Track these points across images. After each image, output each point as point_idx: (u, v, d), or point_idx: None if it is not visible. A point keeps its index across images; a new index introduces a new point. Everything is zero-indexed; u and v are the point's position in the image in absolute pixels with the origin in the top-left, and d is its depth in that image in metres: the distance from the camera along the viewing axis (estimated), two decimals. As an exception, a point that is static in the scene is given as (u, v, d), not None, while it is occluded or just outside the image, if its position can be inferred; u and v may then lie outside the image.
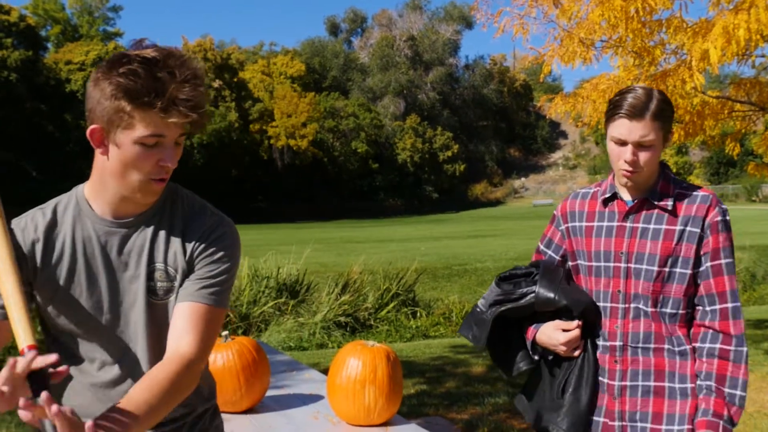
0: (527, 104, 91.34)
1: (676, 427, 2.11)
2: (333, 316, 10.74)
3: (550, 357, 2.30)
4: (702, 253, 2.10)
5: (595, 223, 2.25)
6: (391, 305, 11.60)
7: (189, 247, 1.72)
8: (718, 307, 2.09)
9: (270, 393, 3.81)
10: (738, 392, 2.05)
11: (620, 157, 2.10)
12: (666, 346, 2.12)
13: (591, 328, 2.22)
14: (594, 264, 2.22)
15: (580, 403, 2.22)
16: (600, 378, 2.21)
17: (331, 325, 10.57)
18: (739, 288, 15.74)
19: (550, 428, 2.28)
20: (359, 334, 10.67)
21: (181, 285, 1.72)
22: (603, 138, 3.55)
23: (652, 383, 2.13)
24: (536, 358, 2.33)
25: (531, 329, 2.31)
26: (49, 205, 1.70)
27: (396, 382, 3.25)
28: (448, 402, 5.98)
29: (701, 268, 2.10)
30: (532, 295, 2.26)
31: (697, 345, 2.11)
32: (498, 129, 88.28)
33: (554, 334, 2.23)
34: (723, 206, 2.14)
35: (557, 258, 2.38)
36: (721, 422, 2.03)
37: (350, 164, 69.40)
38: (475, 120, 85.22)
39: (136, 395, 1.49)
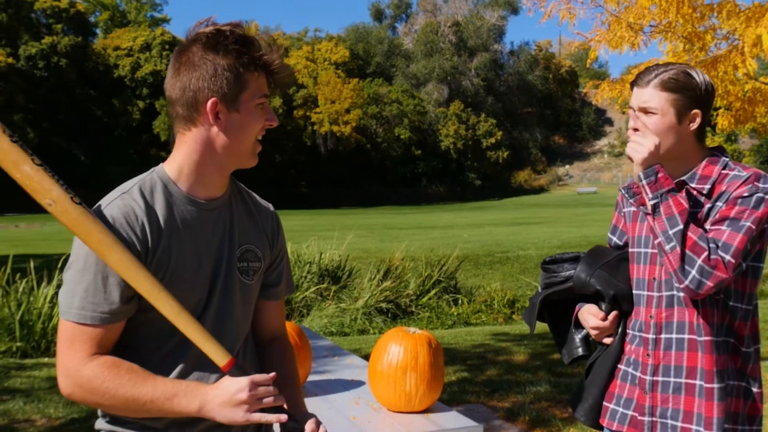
0: (573, 91, 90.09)
1: (696, 427, 2.03)
2: (374, 302, 10.78)
3: (590, 338, 2.31)
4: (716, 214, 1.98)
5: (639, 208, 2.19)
6: (433, 292, 11.59)
7: (268, 233, 1.84)
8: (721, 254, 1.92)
9: (311, 378, 3.84)
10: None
11: (629, 126, 2.10)
12: (696, 338, 2.04)
13: (625, 317, 2.20)
14: (636, 250, 2.18)
15: (600, 388, 2.24)
16: (632, 370, 2.17)
17: (372, 311, 10.62)
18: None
19: (573, 409, 2.34)
20: (400, 321, 10.70)
21: (266, 269, 1.83)
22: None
23: (683, 380, 2.06)
24: (578, 337, 2.34)
25: (577, 307, 2.32)
26: (132, 189, 1.64)
27: (437, 369, 3.25)
28: (490, 390, 5.97)
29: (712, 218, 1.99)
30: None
31: (755, 348, 2.09)
32: (542, 116, 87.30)
33: (587, 316, 2.23)
34: (761, 184, 1.97)
35: (621, 244, 2.34)
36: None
37: (393, 150, 69.37)
38: (519, 107, 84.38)
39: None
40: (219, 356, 1.58)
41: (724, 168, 2.06)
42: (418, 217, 41.66)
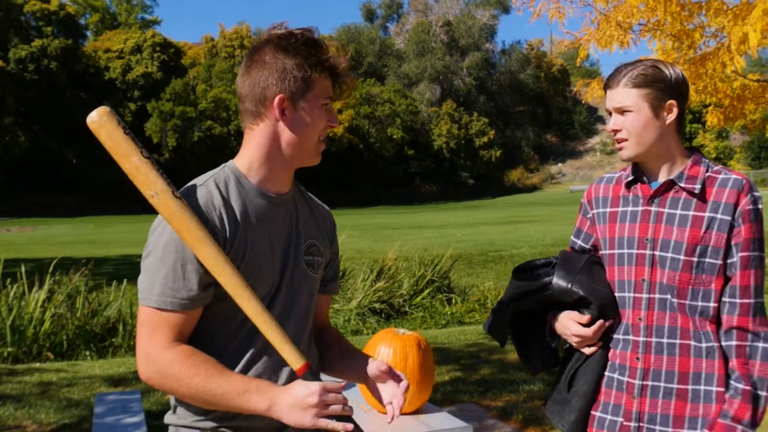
0: (564, 89, 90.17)
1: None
2: (368, 302, 10.77)
3: (566, 346, 2.22)
4: (733, 242, 1.99)
5: (620, 209, 2.15)
6: (426, 292, 11.60)
7: (328, 231, 1.97)
8: (738, 301, 1.98)
9: (303, 379, 3.84)
10: (764, 393, 1.96)
11: (608, 128, 2.11)
12: (692, 343, 2.01)
13: (609, 324, 2.13)
14: (617, 252, 2.12)
15: (587, 399, 2.15)
16: (618, 376, 2.11)
17: (366, 312, 10.62)
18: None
19: (555, 421, 2.23)
20: (394, 321, 10.70)
21: (326, 265, 1.94)
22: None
23: (675, 385, 2.02)
24: (553, 345, 2.26)
25: (550, 316, 2.23)
26: (207, 182, 1.71)
27: (427, 370, 3.25)
28: (483, 389, 5.98)
29: (732, 260, 2.00)
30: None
31: (724, 343, 2.03)
32: (535, 114, 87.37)
33: (568, 323, 2.14)
34: (756, 193, 2.02)
35: (588, 247, 2.28)
36: (739, 426, 1.95)
37: (386, 150, 69.33)
38: (511, 105, 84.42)
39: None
40: (294, 359, 1.64)
41: (707, 169, 2.06)
42: (412, 216, 41.67)
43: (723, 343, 2.01)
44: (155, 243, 1.65)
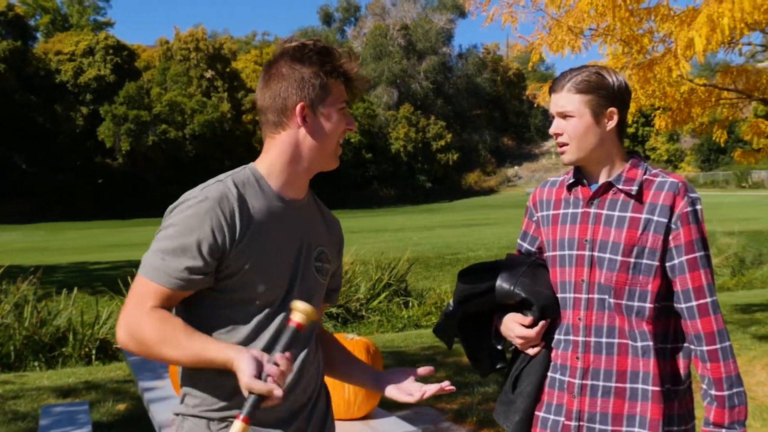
0: (520, 93, 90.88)
1: (636, 430, 2.03)
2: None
3: (512, 347, 2.24)
4: (673, 245, 2.03)
5: (561, 211, 2.18)
6: (383, 295, 11.60)
7: (338, 241, 2.03)
8: (695, 303, 2.02)
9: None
10: (735, 390, 2.00)
11: (550, 131, 2.15)
12: (629, 342, 2.04)
13: (552, 325, 2.16)
14: (559, 253, 2.14)
15: (531, 400, 2.17)
16: (560, 376, 2.14)
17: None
18: (728, 273, 15.87)
19: (500, 422, 2.25)
20: (351, 325, 10.67)
21: (332, 273, 1.99)
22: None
23: (613, 384, 2.05)
24: (499, 347, 2.27)
25: (496, 318, 2.25)
26: (226, 179, 1.77)
27: (377, 375, 3.23)
28: (438, 392, 5.98)
29: (674, 262, 2.03)
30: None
31: (686, 346, 2.07)
32: (491, 118, 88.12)
33: (511, 325, 2.16)
34: (693, 194, 2.05)
35: (533, 250, 2.31)
36: (723, 429, 2.00)
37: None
38: (468, 109, 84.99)
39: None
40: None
41: (645, 172, 2.10)
42: (369, 220, 41.67)
43: (695, 348, 2.04)
44: (169, 222, 1.70)
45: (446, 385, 1.87)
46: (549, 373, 2.17)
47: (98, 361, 8.43)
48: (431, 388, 1.87)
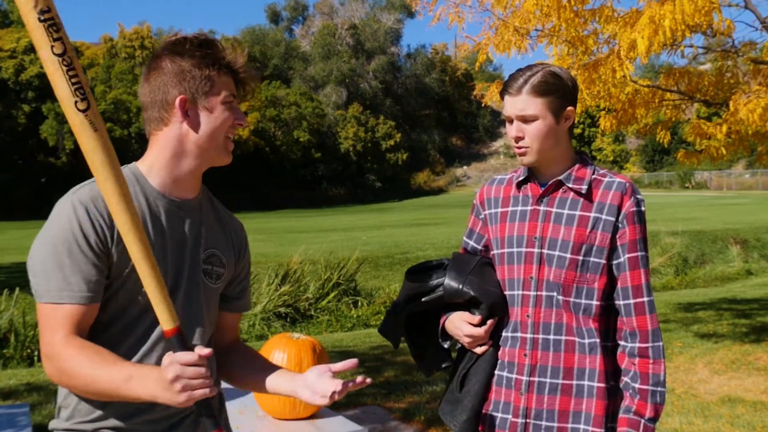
0: (469, 93, 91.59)
1: (582, 426, 2.06)
2: (273, 306, 10.65)
3: (458, 346, 2.24)
4: (618, 243, 2.06)
5: (510, 208, 2.19)
6: (332, 295, 11.56)
7: (236, 245, 1.93)
8: (633, 301, 2.06)
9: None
10: (659, 389, 2.05)
11: (510, 135, 2.12)
12: (576, 339, 2.06)
13: (499, 323, 2.17)
14: (507, 251, 2.15)
15: (478, 398, 2.17)
16: (507, 373, 2.14)
17: (271, 316, 10.49)
18: (672, 272, 16.24)
19: (447, 421, 2.25)
20: (300, 325, 10.61)
21: (230, 280, 1.91)
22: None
23: (560, 381, 2.07)
24: (446, 346, 2.27)
25: (443, 317, 2.25)
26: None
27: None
28: (386, 391, 5.98)
29: (620, 260, 2.07)
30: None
31: (620, 342, 2.10)
32: (440, 118, 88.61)
33: (459, 324, 2.16)
34: (639, 196, 2.10)
35: (479, 248, 2.31)
36: (643, 420, 2.03)
37: (292, 153, 68.82)
38: (417, 109, 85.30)
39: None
40: (166, 318, 1.53)
41: (594, 172, 2.13)
42: (318, 220, 41.49)
43: (626, 344, 2.07)
44: (45, 237, 1.61)
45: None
46: (496, 371, 2.18)
47: (40, 362, 8.20)
48: (344, 386, 1.70)
